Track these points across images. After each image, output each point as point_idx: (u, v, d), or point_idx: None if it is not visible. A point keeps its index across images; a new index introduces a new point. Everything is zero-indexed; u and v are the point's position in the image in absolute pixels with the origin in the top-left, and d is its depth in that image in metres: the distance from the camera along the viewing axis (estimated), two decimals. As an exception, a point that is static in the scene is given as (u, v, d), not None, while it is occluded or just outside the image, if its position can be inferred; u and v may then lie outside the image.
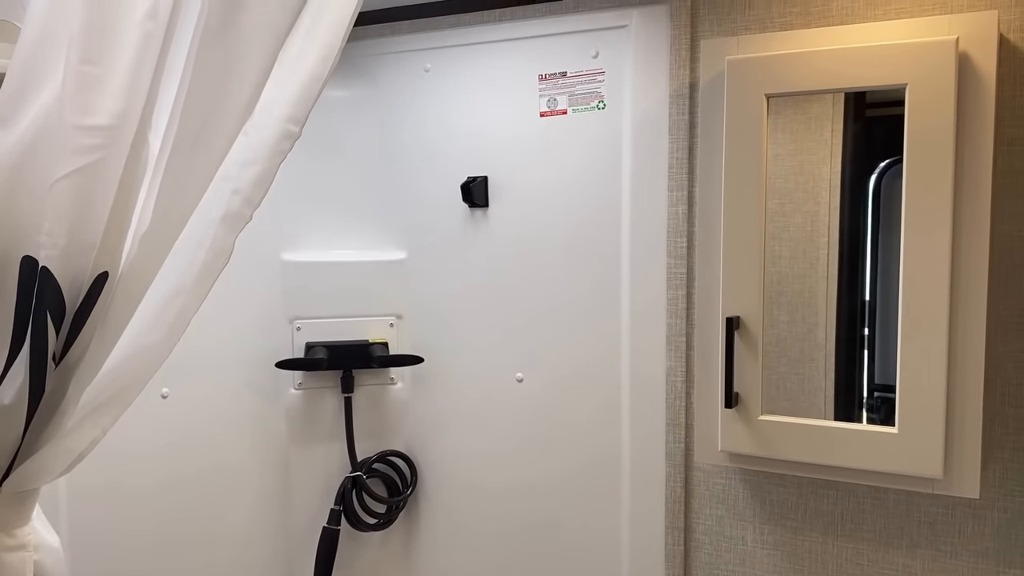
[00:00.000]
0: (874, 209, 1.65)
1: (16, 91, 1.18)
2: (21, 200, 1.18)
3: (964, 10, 1.58)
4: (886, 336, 1.60)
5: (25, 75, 1.18)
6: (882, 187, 1.62)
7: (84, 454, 1.26)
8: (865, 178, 1.69)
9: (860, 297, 1.73)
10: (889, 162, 1.60)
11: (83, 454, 1.26)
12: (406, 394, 2.23)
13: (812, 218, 1.77)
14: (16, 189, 1.18)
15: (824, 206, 1.79)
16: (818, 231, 1.78)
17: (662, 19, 1.84)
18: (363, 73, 2.19)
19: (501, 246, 2.09)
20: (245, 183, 1.25)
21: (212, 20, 1.12)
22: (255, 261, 2.12)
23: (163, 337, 1.29)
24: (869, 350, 1.69)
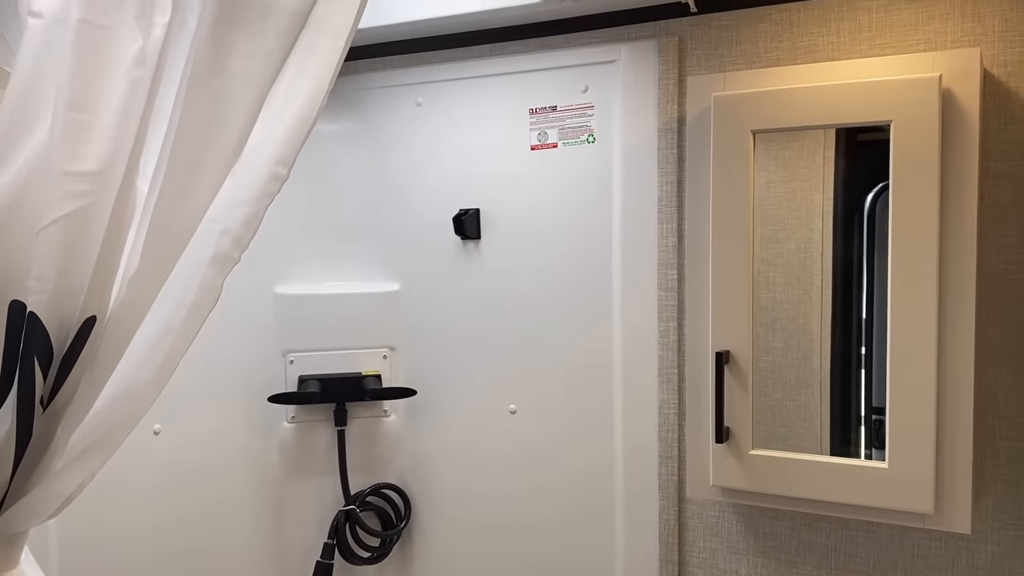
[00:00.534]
0: (869, 232, 1.66)
1: (5, 136, 1.19)
2: (9, 245, 1.19)
3: (948, 47, 1.60)
4: (882, 360, 1.60)
5: (14, 120, 1.19)
6: (876, 210, 1.63)
7: (72, 497, 1.26)
8: (859, 203, 1.70)
9: (855, 322, 1.73)
10: (883, 186, 1.61)
11: (71, 497, 1.25)
12: (399, 426, 2.23)
13: (806, 244, 1.78)
14: (4, 234, 1.19)
15: (817, 233, 1.79)
16: (812, 257, 1.79)
17: (650, 54, 1.85)
18: (355, 107, 2.21)
19: (493, 278, 2.09)
20: (234, 224, 1.25)
21: (199, 67, 1.13)
22: (248, 294, 2.13)
23: (152, 378, 1.29)
24: (866, 373, 1.69)
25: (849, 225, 1.76)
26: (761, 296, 1.74)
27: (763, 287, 1.76)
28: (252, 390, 2.15)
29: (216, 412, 2.13)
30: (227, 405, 2.14)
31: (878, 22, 1.66)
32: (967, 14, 1.59)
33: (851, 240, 1.76)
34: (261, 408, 2.14)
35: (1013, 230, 1.58)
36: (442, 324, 2.16)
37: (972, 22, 1.59)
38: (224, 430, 2.14)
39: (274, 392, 2.14)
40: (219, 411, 2.13)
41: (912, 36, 1.64)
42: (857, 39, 1.68)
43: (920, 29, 1.63)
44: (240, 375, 2.14)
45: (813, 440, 1.84)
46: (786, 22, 1.74)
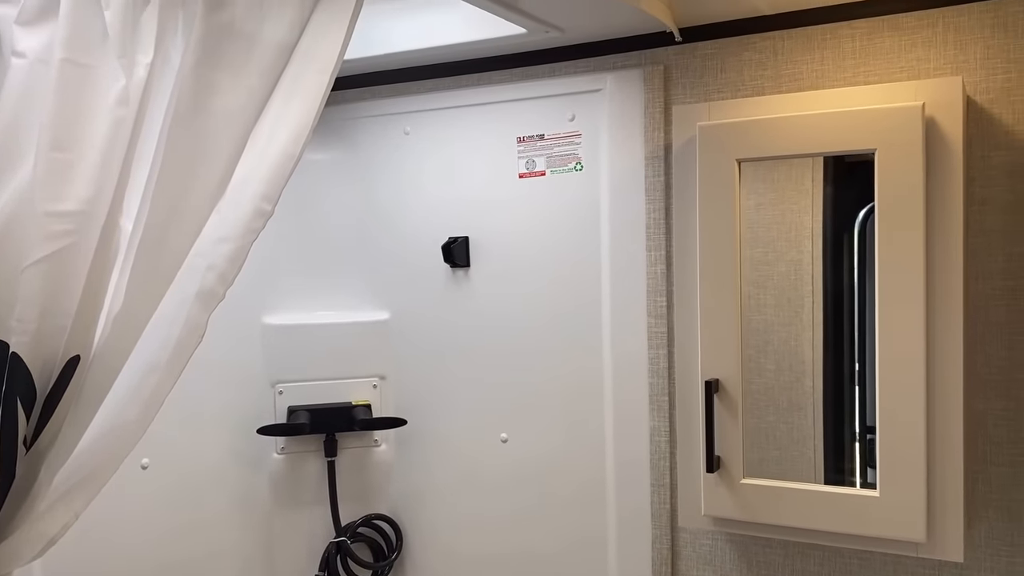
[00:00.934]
0: (860, 252, 1.66)
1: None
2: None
3: (931, 74, 1.61)
4: (875, 380, 1.59)
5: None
6: (867, 230, 1.63)
7: (56, 539, 1.24)
8: (848, 223, 1.70)
9: (846, 342, 1.73)
10: (872, 206, 1.61)
11: (55, 539, 1.24)
12: (390, 456, 2.21)
13: (796, 267, 1.78)
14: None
15: (807, 255, 1.80)
16: (802, 279, 1.79)
17: (636, 83, 1.86)
18: (343, 136, 2.21)
19: (483, 306, 2.09)
20: (219, 260, 1.25)
21: (182, 106, 1.13)
22: (236, 325, 2.12)
23: (137, 416, 1.28)
24: (860, 394, 1.69)
25: (839, 246, 1.77)
26: (752, 318, 1.74)
27: (754, 309, 1.76)
28: (241, 421, 2.14)
29: (205, 444, 2.11)
30: (216, 437, 2.12)
31: (861, 50, 1.67)
32: (949, 42, 1.60)
33: (841, 261, 1.76)
34: (250, 439, 2.12)
35: (1000, 256, 1.59)
36: (432, 352, 2.15)
37: (954, 50, 1.60)
38: (213, 462, 2.12)
39: (264, 423, 2.13)
40: (208, 443, 2.12)
41: (895, 63, 1.65)
42: (841, 66, 1.69)
43: (903, 56, 1.64)
44: (229, 406, 2.13)
45: (807, 463, 1.83)
46: (770, 50, 1.75)
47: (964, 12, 1.59)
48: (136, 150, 1.17)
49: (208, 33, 1.13)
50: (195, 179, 1.17)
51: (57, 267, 1.15)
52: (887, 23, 1.65)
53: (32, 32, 1.18)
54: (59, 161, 1.14)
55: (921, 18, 1.62)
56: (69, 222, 1.15)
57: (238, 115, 1.16)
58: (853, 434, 1.73)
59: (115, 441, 1.28)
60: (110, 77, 1.15)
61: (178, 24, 1.14)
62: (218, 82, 1.15)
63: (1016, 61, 1.55)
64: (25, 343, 1.16)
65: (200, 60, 1.13)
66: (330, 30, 1.22)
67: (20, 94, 1.17)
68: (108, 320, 1.20)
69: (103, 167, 1.15)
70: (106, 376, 1.22)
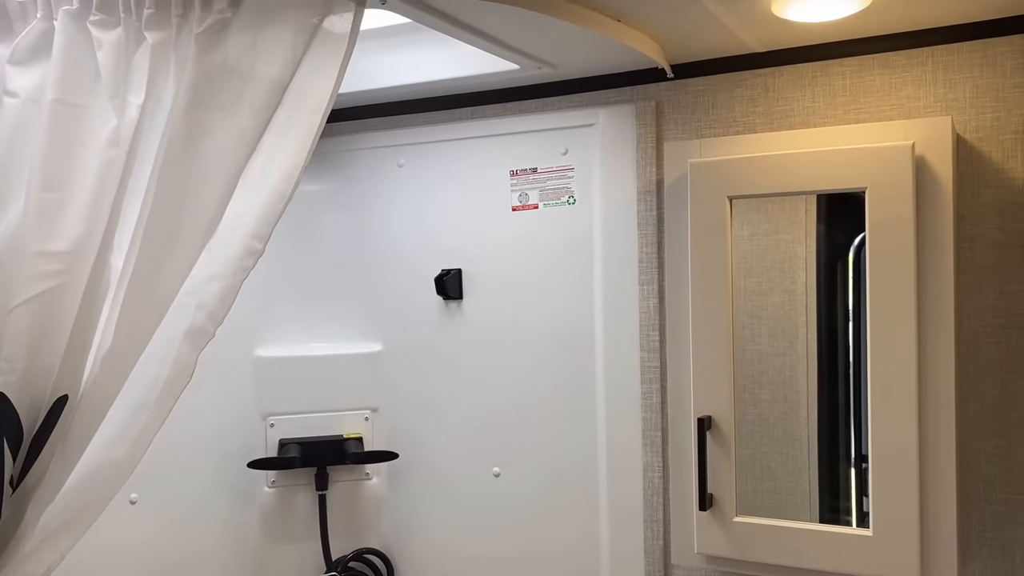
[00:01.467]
0: (855, 282, 1.66)
1: (-23, 216, 1.18)
2: (-20, 325, 1.18)
3: (921, 113, 1.62)
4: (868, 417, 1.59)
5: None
6: (861, 260, 1.63)
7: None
8: (842, 253, 1.71)
9: (841, 372, 1.73)
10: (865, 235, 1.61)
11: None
12: (382, 489, 2.20)
13: (790, 296, 1.78)
14: (-25, 314, 1.18)
15: (801, 284, 1.80)
16: (796, 309, 1.79)
17: (628, 118, 1.87)
18: (337, 168, 2.22)
19: (476, 338, 2.08)
20: (209, 298, 1.25)
21: (173, 147, 1.13)
22: (228, 357, 2.11)
23: (125, 455, 1.28)
24: (856, 424, 1.68)
25: (833, 275, 1.77)
26: (747, 348, 1.74)
27: (748, 339, 1.76)
28: (232, 454, 2.12)
29: (195, 478, 2.10)
30: (206, 470, 2.11)
31: (852, 87, 1.69)
32: (939, 80, 1.61)
33: (835, 291, 1.77)
34: (241, 473, 2.11)
35: (991, 293, 1.59)
36: (424, 385, 2.14)
37: (944, 88, 1.61)
38: (203, 496, 2.10)
39: (254, 456, 2.11)
40: (198, 477, 2.10)
41: (886, 101, 1.66)
42: (832, 103, 1.70)
43: (893, 95, 1.65)
44: (219, 439, 2.12)
45: (801, 494, 1.82)
46: (761, 87, 1.76)
47: (954, 51, 1.60)
48: (127, 189, 1.17)
49: (200, 74, 1.13)
50: (186, 218, 1.18)
51: (46, 306, 1.15)
52: (877, 61, 1.66)
53: (25, 72, 1.19)
54: (50, 201, 1.15)
55: (911, 56, 1.64)
56: (59, 262, 1.15)
57: (230, 155, 1.16)
58: (849, 464, 1.72)
59: (102, 480, 1.28)
60: (102, 117, 1.16)
61: (170, 66, 1.15)
62: (210, 123, 1.15)
63: (1005, 100, 1.57)
64: (12, 383, 1.15)
65: (192, 101, 1.13)
66: (323, 70, 1.23)
67: (11, 134, 1.18)
68: (97, 359, 1.20)
69: (94, 206, 1.16)
70: (94, 415, 1.22)
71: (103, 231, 1.16)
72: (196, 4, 1.14)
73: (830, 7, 1.43)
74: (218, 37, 1.15)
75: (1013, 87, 1.56)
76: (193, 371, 1.25)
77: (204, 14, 1.14)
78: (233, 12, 1.15)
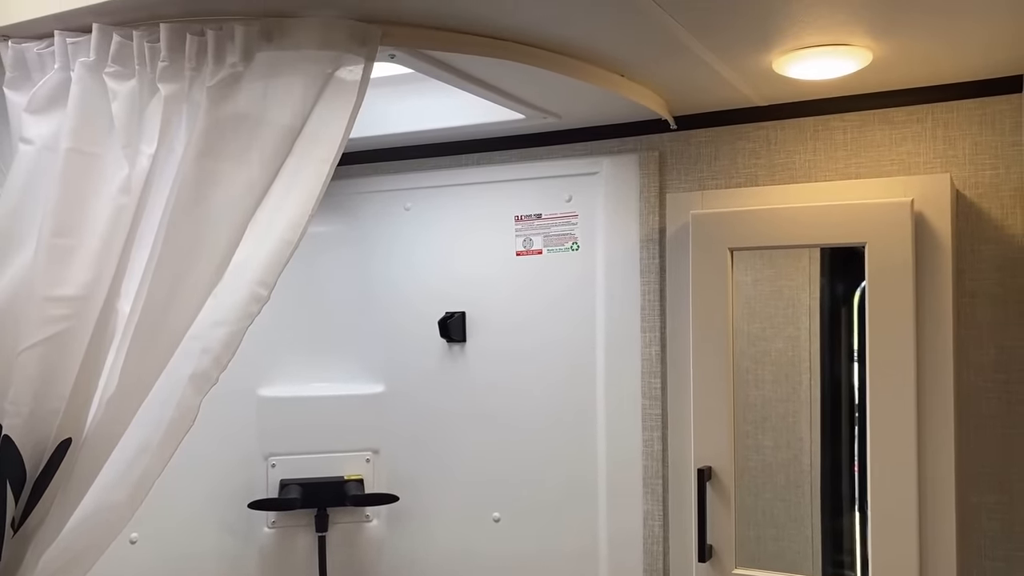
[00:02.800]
0: (859, 328, 1.67)
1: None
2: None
3: (921, 169, 1.64)
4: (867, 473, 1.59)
5: (0, 245, 1.21)
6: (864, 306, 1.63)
7: (40, 622, 1.23)
8: (846, 298, 1.71)
9: (844, 419, 1.73)
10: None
11: (38, 622, 1.23)
12: (382, 532, 2.19)
13: (793, 343, 1.79)
14: (-17, 356, 1.19)
15: (804, 331, 1.80)
16: (799, 356, 1.79)
17: (631, 167, 1.90)
18: (344, 210, 2.24)
19: (478, 382, 2.09)
20: (214, 343, 1.26)
21: (183, 196, 1.15)
22: (231, 397, 2.11)
23: (126, 498, 1.28)
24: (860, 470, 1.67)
25: (836, 322, 1.77)
26: (750, 394, 1.74)
27: (752, 385, 1.76)
28: (232, 494, 2.12)
29: (195, 518, 2.10)
30: (207, 510, 2.11)
31: (853, 142, 1.71)
32: (938, 137, 1.64)
33: (838, 337, 1.77)
34: (241, 513, 2.11)
35: (991, 348, 1.60)
36: (426, 427, 2.15)
37: (943, 144, 1.63)
38: (203, 537, 2.10)
39: (255, 496, 2.11)
40: (198, 517, 2.10)
41: (886, 156, 1.68)
42: (833, 157, 1.73)
43: (894, 150, 1.67)
44: (221, 479, 2.12)
45: (804, 542, 1.81)
46: (763, 139, 1.79)
47: (953, 108, 1.63)
48: (136, 236, 1.19)
49: (211, 125, 1.16)
50: (194, 265, 1.19)
51: (53, 351, 1.17)
52: (878, 117, 1.69)
53: (41, 120, 1.22)
54: (60, 247, 1.17)
55: (911, 113, 1.66)
56: (67, 307, 1.17)
57: (238, 204, 1.18)
58: (853, 510, 1.72)
59: (103, 523, 1.28)
60: (114, 166, 1.18)
61: (182, 117, 1.17)
62: (219, 172, 1.17)
63: (1003, 157, 1.58)
64: (17, 426, 1.16)
65: (203, 151, 1.15)
66: (333, 118, 1.25)
67: (25, 180, 1.20)
68: (101, 402, 1.21)
69: (103, 253, 1.18)
70: (97, 458, 1.23)
71: (112, 277, 1.18)
72: (209, 57, 1.16)
73: (831, 66, 1.45)
74: (230, 89, 1.17)
75: (1011, 145, 1.58)
76: (196, 415, 1.26)
77: (217, 67, 1.16)
78: (245, 66, 1.17)
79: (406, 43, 1.30)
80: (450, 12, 1.26)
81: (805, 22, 1.28)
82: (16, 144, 1.23)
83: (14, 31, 1.26)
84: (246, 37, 1.17)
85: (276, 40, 1.19)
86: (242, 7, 1.17)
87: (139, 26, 1.19)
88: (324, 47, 1.21)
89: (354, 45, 1.22)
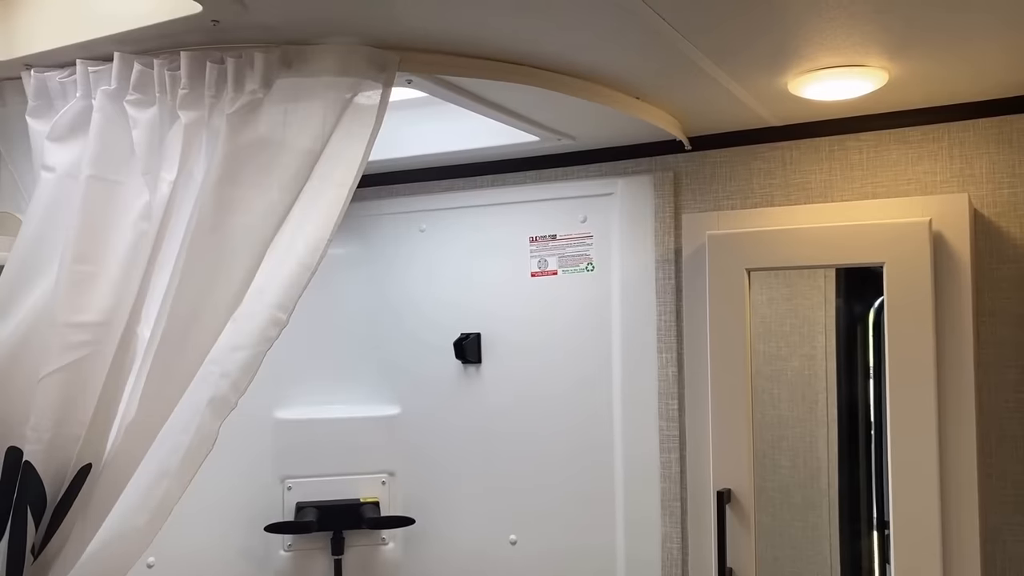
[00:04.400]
0: (875, 347, 1.66)
1: (13, 286, 1.21)
2: (10, 393, 1.20)
3: (938, 188, 1.63)
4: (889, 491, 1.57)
5: (22, 271, 1.22)
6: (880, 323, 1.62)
7: (57, 649, 1.23)
8: (862, 316, 1.71)
9: (861, 438, 1.72)
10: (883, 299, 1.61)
11: (57, 649, 1.23)
12: (398, 555, 2.18)
13: (809, 362, 1.78)
14: (5, 382, 1.20)
15: (821, 349, 1.79)
16: (816, 375, 1.78)
17: (646, 188, 1.90)
18: (360, 232, 2.25)
19: (494, 403, 2.09)
20: (233, 367, 1.26)
21: (203, 222, 1.16)
22: (247, 420, 2.10)
23: (146, 523, 1.28)
24: (878, 488, 1.66)
25: (852, 340, 1.76)
26: (766, 414, 1.73)
27: (768, 404, 1.75)
28: (249, 517, 2.12)
29: (212, 541, 2.09)
30: (223, 534, 2.11)
31: (869, 161, 1.71)
32: (955, 156, 1.63)
33: (855, 355, 1.76)
34: (258, 536, 2.10)
35: (1012, 368, 1.58)
36: (442, 449, 2.14)
37: (960, 163, 1.63)
38: (220, 560, 2.10)
39: (272, 519, 2.11)
40: (215, 540, 2.10)
41: (903, 176, 1.67)
42: (849, 177, 1.72)
43: (910, 169, 1.67)
44: (237, 502, 2.12)
45: (823, 563, 1.80)
46: (779, 160, 1.79)
47: (969, 127, 1.62)
48: (157, 262, 1.20)
49: (231, 152, 1.17)
50: (213, 290, 1.20)
51: (74, 377, 1.17)
52: (894, 136, 1.69)
53: (63, 148, 1.23)
54: (81, 273, 1.17)
55: (927, 132, 1.66)
56: (88, 333, 1.17)
57: (258, 229, 1.19)
58: (871, 530, 1.70)
59: (122, 549, 1.28)
60: (134, 193, 1.19)
61: (202, 143, 1.18)
62: (239, 198, 1.18)
63: (1021, 176, 1.58)
64: (39, 451, 1.17)
65: (222, 178, 1.16)
66: (352, 142, 1.26)
67: (47, 207, 1.21)
68: (121, 428, 1.21)
69: (124, 279, 1.18)
70: (117, 483, 1.23)
71: (132, 303, 1.19)
72: (229, 85, 1.17)
73: (847, 87, 1.45)
74: (249, 116, 1.18)
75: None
76: (215, 439, 1.27)
77: (236, 95, 1.17)
78: (265, 93, 1.18)
79: (423, 69, 1.31)
80: (467, 39, 1.27)
81: (821, 44, 1.29)
82: (38, 172, 1.24)
83: (36, 60, 1.28)
84: (266, 64, 1.18)
85: (296, 67, 1.21)
86: (262, 36, 1.19)
87: (160, 54, 1.20)
88: (343, 73, 1.22)
89: (372, 71, 1.23)
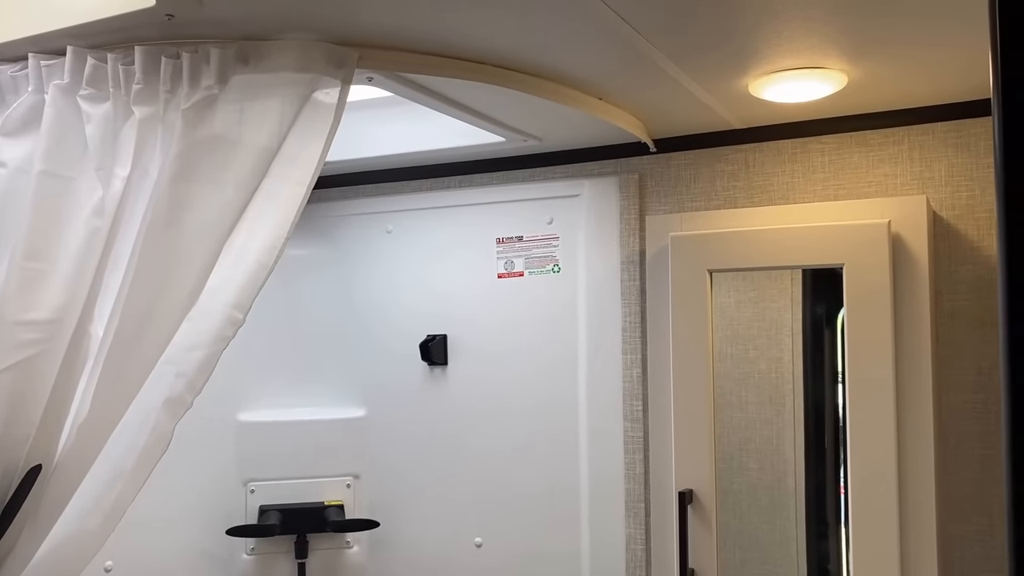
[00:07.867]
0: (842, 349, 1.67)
1: (-40, 284, 1.18)
2: (-43, 393, 1.17)
3: (898, 190, 1.65)
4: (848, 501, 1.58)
5: (-30, 268, 1.19)
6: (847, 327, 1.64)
7: (7, 655, 1.20)
8: (830, 321, 1.72)
9: (828, 440, 1.73)
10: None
11: (6, 655, 1.20)
12: (362, 558, 2.17)
13: (777, 364, 1.79)
14: (-48, 382, 1.17)
15: (788, 352, 1.80)
16: (783, 377, 1.79)
17: (612, 190, 1.90)
18: (325, 233, 2.23)
19: (460, 405, 2.08)
20: (189, 367, 1.25)
21: (157, 218, 1.14)
22: (209, 422, 2.08)
23: (99, 525, 1.26)
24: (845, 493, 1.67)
25: (819, 343, 1.77)
26: (734, 416, 1.74)
27: (736, 407, 1.75)
28: (211, 521, 2.09)
29: (173, 545, 2.06)
30: (184, 537, 2.08)
31: (830, 164, 1.72)
32: (915, 159, 1.65)
33: (822, 358, 1.77)
34: (220, 539, 2.08)
35: (970, 370, 1.60)
36: (408, 451, 2.13)
37: (920, 167, 1.64)
38: (181, 564, 2.07)
39: (234, 522, 2.08)
40: (176, 544, 2.07)
41: (863, 178, 1.69)
42: (811, 179, 1.74)
43: (871, 172, 1.68)
44: (198, 505, 2.09)
45: (790, 565, 1.80)
46: (742, 162, 1.80)
47: (929, 131, 1.64)
48: (110, 259, 1.18)
49: (186, 148, 1.15)
50: (168, 288, 1.18)
51: (23, 376, 1.15)
52: (855, 139, 1.70)
53: (14, 143, 1.21)
54: (32, 271, 1.15)
55: (888, 136, 1.67)
56: (38, 331, 1.15)
57: (213, 227, 1.18)
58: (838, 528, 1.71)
59: (74, 552, 1.26)
60: (87, 189, 1.17)
61: (157, 139, 1.17)
62: (194, 195, 1.17)
63: (978, 179, 1.60)
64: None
65: (177, 174, 1.15)
66: (310, 139, 1.25)
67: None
68: (73, 428, 1.19)
69: (76, 276, 1.16)
70: (68, 485, 1.21)
71: (84, 300, 1.17)
72: (184, 80, 1.16)
73: (807, 88, 1.46)
74: (205, 112, 1.17)
75: (987, 167, 1.59)
76: (170, 440, 1.25)
77: (192, 90, 1.16)
78: (221, 88, 1.17)
79: (383, 66, 1.30)
80: (427, 36, 1.26)
81: (779, 46, 1.29)
82: (-11, 167, 1.21)
83: (-12, 54, 1.25)
84: (222, 60, 1.16)
85: (252, 63, 1.19)
86: (218, 31, 1.17)
87: (114, 49, 1.18)
88: (301, 70, 1.21)
89: (331, 68, 1.22)
